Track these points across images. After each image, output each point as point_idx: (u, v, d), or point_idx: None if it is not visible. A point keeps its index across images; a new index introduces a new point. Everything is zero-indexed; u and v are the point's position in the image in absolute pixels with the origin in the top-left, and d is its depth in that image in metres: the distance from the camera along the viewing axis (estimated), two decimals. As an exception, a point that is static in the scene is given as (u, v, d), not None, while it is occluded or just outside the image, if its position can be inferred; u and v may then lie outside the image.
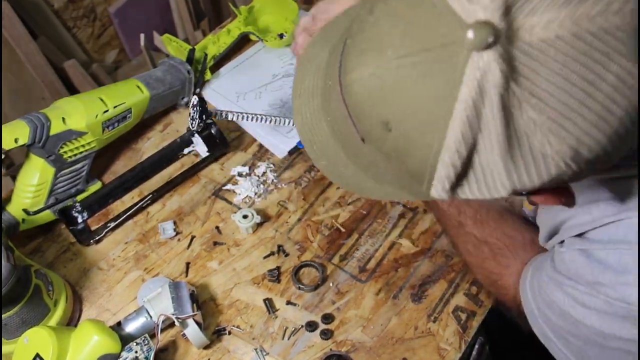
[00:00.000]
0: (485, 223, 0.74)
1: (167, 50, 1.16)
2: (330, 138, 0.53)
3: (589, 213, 0.56)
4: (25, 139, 0.81)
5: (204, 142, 0.96)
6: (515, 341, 1.00)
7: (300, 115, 0.56)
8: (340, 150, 0.52)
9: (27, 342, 0.69)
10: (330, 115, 0.52)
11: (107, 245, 0.90)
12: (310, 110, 0.55)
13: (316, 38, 0.59)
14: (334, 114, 0.50)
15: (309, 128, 0.55)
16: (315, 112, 0.54)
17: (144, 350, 0.72)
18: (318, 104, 0.54)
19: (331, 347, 0.77)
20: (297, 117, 0.56)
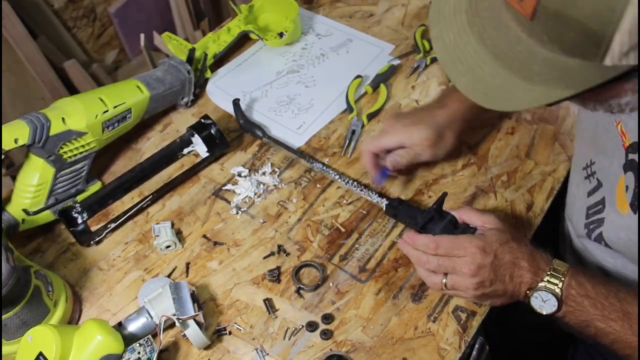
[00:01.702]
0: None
1: (167, 50, 1.16)
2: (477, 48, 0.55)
3: None
4: (25, 139, 0.81)
5: (203, 142, 0.96)
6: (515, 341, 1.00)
7: (442, 39, 0.58)
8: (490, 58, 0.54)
9: (31, 340, 0.69)
10: (479, 25, 0.54)
11: (107, 245, 0.90)
12: (453, 30, 0.57)
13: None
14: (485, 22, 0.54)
15: (452, 48, 0.57)
16: (460, 29, 0.56)
17: (146, 351, 0.72)
18: (463, 20, 0.56)
19: (331, 347, 0.77)
20: (438, 42, 0.58)
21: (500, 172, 0.96)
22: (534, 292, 0.72)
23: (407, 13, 1.26)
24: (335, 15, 1.26)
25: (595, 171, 0.81)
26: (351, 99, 1.06)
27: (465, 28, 0.56)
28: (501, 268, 0.73)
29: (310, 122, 1.05)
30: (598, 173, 0.80)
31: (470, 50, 0.55)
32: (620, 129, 0.72)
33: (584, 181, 0.84)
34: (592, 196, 0.81)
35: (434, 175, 0.96)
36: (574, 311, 0.71)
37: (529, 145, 0.99)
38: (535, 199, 0.92)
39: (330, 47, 1.18)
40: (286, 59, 1.17)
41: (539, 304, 0.72)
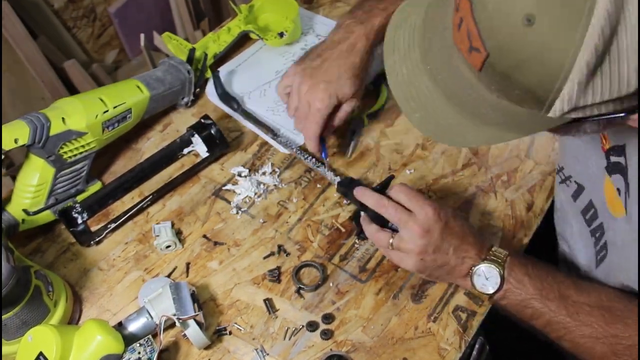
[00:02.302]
0: (590, 288, 0.73)
1: (167, 50, 1.16)
2: (430, 87, 0.55)
3: None
4: (25, 140, 0.81)
5: (203, 142, 0.96)
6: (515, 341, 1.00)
7: (395, 73, 0.59)
8: (442, 97, 0.55)
9: (31, 340, 0.69)
10: (432, 64, 0.55)
11: (107, 245, 0.90)
12: (407, 66, 0.57)
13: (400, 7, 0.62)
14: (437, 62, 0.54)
15: (405, 84, 0.58)
16: (414, 66, 0.57)
17: (147, 351, 0.72)
18: (417, 57, 0.57)
19: (331, 347, 0.77)
20: (392, 76, 0.59)
21: (501, 171, 0.96)
22: (477, 268, 0.74)
23: (407, 13, 1.26)
24: (335, 15, 1.26)
25: (571, 175, 0.82)
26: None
27: (419, 65, 0.56)
28: (448, 237, 0.74)
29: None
30: (575, 176, 0.82)
31: (423, 88, 0.56)
32: None
33: (560, 185, 0.86)
34: (579, 199, 0.82)
35: (434, 175, 0.96)
36: (514, 290, 0.73)
37: (529, 145, 0.99)
38: (535, 199, 0.92)
39: (330, 47, 1.18)
40: (286, 58, 1.17)
41: (482, 282, 0.74)
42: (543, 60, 0.45)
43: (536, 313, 0.72)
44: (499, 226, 0.89)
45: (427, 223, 0.74)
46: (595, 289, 0.72)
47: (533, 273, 0.73)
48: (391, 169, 0.97)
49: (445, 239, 0.74)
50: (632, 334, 0.67)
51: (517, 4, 0.45)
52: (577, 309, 0.70)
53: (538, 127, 0.52)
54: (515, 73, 0.47)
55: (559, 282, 0.72)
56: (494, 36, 0.47)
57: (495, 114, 0.52)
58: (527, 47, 0.45)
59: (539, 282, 0.72)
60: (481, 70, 0.49)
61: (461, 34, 0.50)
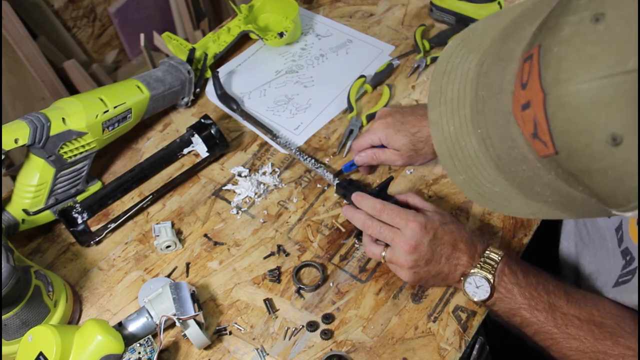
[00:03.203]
0: (582, 301, 0.70)
1: (167, 50, 1.16)
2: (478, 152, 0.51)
3: None
4: (25, 140, 0.81)
5: (203, 142, 0.96)
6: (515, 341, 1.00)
7: (440, 127, 0.53)
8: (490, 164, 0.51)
9: (31, 340, 0.69)
10: (483, 128, 0.50)
11: (107, 245, 0.90)
12: (454, 123, 0.52)
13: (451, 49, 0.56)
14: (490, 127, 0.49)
15: (451, 142, 0.53)
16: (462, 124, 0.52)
17: (147, 351, 0.72)
18: (466, 115, 0.51)
19: (331, 347, 0.77)
20: (436, 129, 0.54)
21: (501, 172, 0.95)
22: (468, 277, 0.74)
23: (407, 13, 1.26)
24: (335, 15, 1.26)
25: None
26: (352, 99, 1.06)
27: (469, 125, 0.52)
28: (439, 247, 0.75)
29: (308, 122, 1.05)
30: None
31: (471, 151, 0.52)
32: None
33: None
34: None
35: (434, 175, 0.96)
36: (504, 298, 0.73)
37: (529, 145, 0.99)
38: (536, 199, 0.92)
39: (330, 48, 1.18)
40: (286, 59, 1.17)
41: (473, 290, 0.74)
42: (623, 179, 0.41)
43: (525, 322, 0.72)
44: (499, 226, 0.89)
45: (414, 239, 0.74)
46: (587, 303, 0.71)
47: (524, 282, 0.72)
48: (391, 169, 0.97)
49: (435, 250, 0.75)
50: (621, 352, 0.66)
51: (602, 120, 0.40)
52: (566, 321, 0.69)
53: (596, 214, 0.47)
54: (584, 176, 0.43)
55: (549, 292, 0.71)
56: (568, 141, 0.42)
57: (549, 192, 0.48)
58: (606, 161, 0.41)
59: (528, 292, 0.71)
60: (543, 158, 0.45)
61: (526, 116, 0.45)
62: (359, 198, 0.81)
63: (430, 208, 0.80)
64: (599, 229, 0.83)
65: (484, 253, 0.75)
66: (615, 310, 0.70)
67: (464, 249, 0.75)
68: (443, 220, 0.77)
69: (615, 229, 0.78)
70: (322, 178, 0.95)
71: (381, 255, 0.78)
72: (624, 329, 0.68)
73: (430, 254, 0.75)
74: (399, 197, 0.83)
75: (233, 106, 1.05)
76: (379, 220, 0.77)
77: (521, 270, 0.73)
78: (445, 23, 1.22)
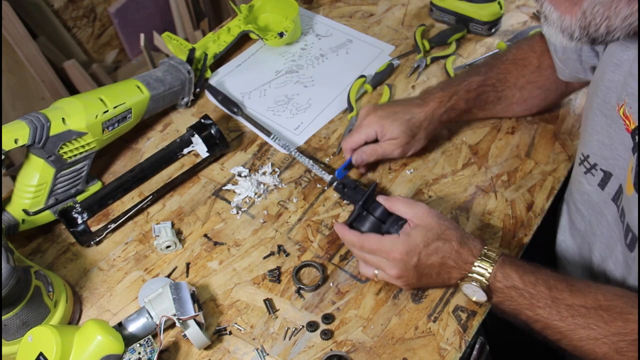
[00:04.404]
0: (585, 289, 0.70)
1: (167, 50, 1.16)
2: None
3: None
4: (25, 140, 0.81)
5: (203, 142, 0.96)
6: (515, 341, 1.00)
7: None
8: None
9: (31, 340, 0.69)
10: None
11: (107, 245, 0.90)
12: None
13: None
14: None
15: None
16: None
17: (147, 351, 0.72)
18: None
19: (331, 347, 0.77)
20: None
21: (501, 171, 0.96)
22: (463, 284, 0.75)
23: (407, 13, 1.26)
24: (335, 15, 1.26)
25: (596, 162, 0.80)
26: (352, 98, 1.06)
27: None
28: (426, 269, 0.75)
29: (308, 122, 1.05)
30: (601, 164, 0.80)
31: None
32: (623, 112, 0.72)
33: (586, 176, 0.83)
34: (608, 186, 0.80)
35: (434, 175, 0.96)
36: (503, 301, 0.73)
37: (529, 145, 0.99)
38: (536, 199, 0.92)
39: (330, 48, 1.18)
40: (286, 59, 1.17)
41: (471, 292, 0.75)
42: None
43: (530, 320, 0.72)
44: (499, 226, 0.89)
45: (397, 267, 0.75)
46: (591, 290, 0.70)
47: (520, 283, 0.71)
48: (391, 169, 0.97)
49: (423, 271, 0.75)
50: (634, 328, 0.66)
51: None
52: (572, 312, 0.69)
53: None
54: None
55: (551, 287, 0.71)
56: None
57: None
58: None
59: (527, 292, 0.71)
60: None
61: None
62: (340, 231, 0.80)
63: (415, 216, 0.76)
64: (595, 205, 0.83)
65: (476, 259, 0.74)
66: (619, 291, 0.70)
67: (453, 265, 0.75)
68: (427, 238, 0.74)
69: (613, 199, 0.78)
70: (322, 178, 0.95)
71: (374, 274, 0.79)
72: (632, 307, 0.67)
73: (417, 276, 0.76)
74: (385, 205, 0.79)
75: (234, 109, 1.05)
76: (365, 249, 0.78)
77: (516, 271, 0.72)
78: (445, 23, 1.22)
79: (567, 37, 0.62)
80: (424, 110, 0.91)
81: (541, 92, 0.97)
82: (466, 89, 0.93)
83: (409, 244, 0.74)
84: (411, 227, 0.76)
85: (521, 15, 1.23)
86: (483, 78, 0.94)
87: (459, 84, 0.93)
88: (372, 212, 0.80)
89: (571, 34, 0.61)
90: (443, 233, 0.75)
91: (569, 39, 0.62)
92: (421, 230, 0.75)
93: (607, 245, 0.81)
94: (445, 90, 0.93)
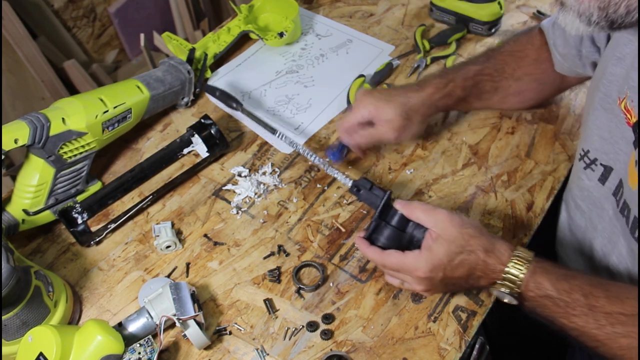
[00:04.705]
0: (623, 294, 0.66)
1: (167, 50, 1.16)
2: None
3: None
4: (25, 140, 0.81)
5: (203, 142, 0.96)
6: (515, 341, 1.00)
7: None
8: None
9: (31, 340, 0.69)
10: None
11: (107, 245, 0.90)
12: None
13: None
14: None
15: None
16: None
17: (147, 351, 0.72)
18: None
19: (331, 347, 0.77)
20: None
21: (501, 171, 0.96)
22: (493, 289, 0.73)
23: (407, 13, 1.26)
24: (335, 15, 1.26)
25: (596, 157, 0.80)
26: (352, 98, 1.06)
27: None
28: (453, 280, 0.73)
29: (308, 122, 1.05)
30: (601, 158, 0.79)
31: None
32: (624, 106, 0.71)
33: (585, 171, 0.83)
34: (608, 181, 0.79)
35: (434, 175, 0.96)
36: (536, 308, 0.71)
37: (529, 145, 0.99)
38: (536, 199, 0.92)
39: (330, 48, 1.18)
40: (286, 59, 1.17)
41: (501, 296, 0.72)
42: None
43: (565, 327, 0.69)
44: (498, 226, 0.89)
45: (423, 284, 0.74)
46: (629, 295, 0.66)
47: (554, 291, 0.68)
48: (391, 169, 0.97)
49: (450, 283, 0.73)
50: None
51: None
52: (611, 320, 0.65)
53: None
54: None
55: (587, 294, 0.67)
56: None
57: None
58: None
59: (561, 301, 0.67)
60: None
61: None
62: (360, 247, 0.77)
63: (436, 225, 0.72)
64: (595, 200, 0.83)
65: (505, 267, 0.70)
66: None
67: (480, 274, 0.72)
68: (450, 252, 0.70)
69: (613, 193, 0.78)
70: (322, 178, 0.95)
71: (401, 284, 0.78)
72: None
73: (446, 286, 0.74)
74: (404, 212, 0.75)
75: (233, 105, 1.04)
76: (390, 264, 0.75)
77: (549, 279, 0.68)
78: (445, 23, 1.22)
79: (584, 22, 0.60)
80: (420, 94, 0.90)
81: (537, 85, 0.97)
82: (463, 77, 0.93)
83: (432, 261, 0.71)
84: (433, 239, 0.72)
85: (521, 15, 1.23)
86: (481, 67, 0.94)
87: (456, 72, 0.93)
88: (390, 221, 0.76)
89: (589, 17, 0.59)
90: (467, 244, 0.71)
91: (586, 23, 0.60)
92: (443, 244, 0.71)
93: (608, 240, 0.81)
94: (443, 77, 0.92)
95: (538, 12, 1.23)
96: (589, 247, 0.86)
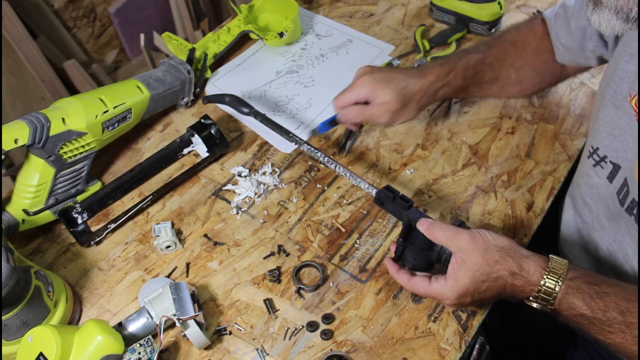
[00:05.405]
0: None
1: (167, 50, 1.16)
2: None
3: None
4: (25, 140, 0.81)
5: (203, 142, 0.96)
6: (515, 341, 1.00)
7: None
8: None
9: (31, 340, 0.69)
10: None
11: (108, 245, 0.90)
12: None
13: None
14: None
15: None
16: None
17: (147, 351, 0.72)
18: None
19: (331, 347, 0.77)
20: None
21: (501, 171, 0.96)
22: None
23: (407, 13, 1.26)
24: (335, 15, 1.26)
25: (606, 155, 0.80)
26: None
27: None
28: (483, 300, 0.73)
29: (308, 122, 1.05)
30: (611, 156, 0.79)
31: None
32: (635, 103, 0.71)
33: (595, 168, 0.83)
34: (615, 180, 0.78)
35: (434, 175, 0.96)
36: (570, 323, 0.69)
37: (529, 145, 0.99)
38: (536, 199, 0.92)
39: (330, 48, 1.18)
40: (286, 59, 1.17)
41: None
42: None
43: (602, 342, 0.67)
44: (498, 226, 0.89)
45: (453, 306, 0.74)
46: None
47: (588, 310, 0.66)
48: (391, 169, 0.97)
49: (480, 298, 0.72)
50: None
51: None
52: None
53: None
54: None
55: (623, 311, 0.64)
56: None
57: None
58: None
59: (596, 320, 0.65)
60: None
61: None
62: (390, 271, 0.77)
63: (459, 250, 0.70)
64: (603, 198, 0.82)
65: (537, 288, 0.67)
66: None
67: (510, 294, 0.70)
68: (475, 279, 0.69)
69: (617, 192, 0.78)
70: (322, 178, 0.95)
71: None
72: None
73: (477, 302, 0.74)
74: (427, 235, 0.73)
75: (244, 110, 1.00)
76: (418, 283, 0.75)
77: (582, 299, 0.66)
78: (445, 23, 1.22)
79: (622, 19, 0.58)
80: (420, 82, 0.90)
81: (536, 75, 0.97)
82: (464, 66, 0.93)
83: (457, 290, 0.70)
84: (458, 264, 0.70)
85: (521, 15, 1.23)
86: (482, 56, 0.94)
87: (457, 61, 0.93)
88: (415, 242, 0.74)
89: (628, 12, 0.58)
90: (492, 270, 0.68)
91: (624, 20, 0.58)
92: (467, 272, 0.69)
93: (614, 239, 0.81)
94: (444, 66, 0.92)
95: (538, 12, 1.24)
96: (594, 246, 0.86)
